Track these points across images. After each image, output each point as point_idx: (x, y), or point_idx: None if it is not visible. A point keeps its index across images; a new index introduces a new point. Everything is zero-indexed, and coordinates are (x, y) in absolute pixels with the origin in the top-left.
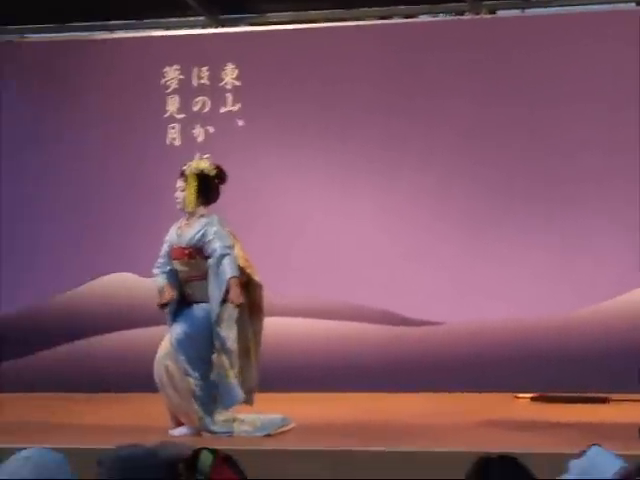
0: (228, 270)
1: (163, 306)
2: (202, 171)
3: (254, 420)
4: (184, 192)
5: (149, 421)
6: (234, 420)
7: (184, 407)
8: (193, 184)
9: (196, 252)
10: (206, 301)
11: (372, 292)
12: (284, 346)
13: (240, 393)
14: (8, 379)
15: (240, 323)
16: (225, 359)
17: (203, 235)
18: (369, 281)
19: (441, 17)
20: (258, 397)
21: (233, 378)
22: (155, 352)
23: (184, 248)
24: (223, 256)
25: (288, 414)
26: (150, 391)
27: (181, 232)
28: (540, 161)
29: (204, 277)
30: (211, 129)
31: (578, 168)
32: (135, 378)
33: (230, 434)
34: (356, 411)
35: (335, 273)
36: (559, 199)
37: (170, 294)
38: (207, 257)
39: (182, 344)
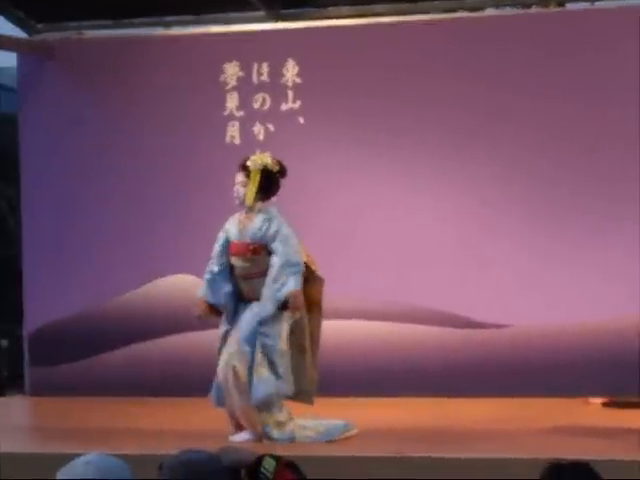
0: (292, 283)
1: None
2: (266, 166)
3: (317, 426)
4: (245, 187)
5: (206, 426)
6: (291, 420)
7: (247, 411)
8: (256, 179)
9: (261, 248)
10: None
11: (434, 294)
12: (345, 349)
13: (265, 391)
14: (65, 382)
15: (295, 320)
16: (261, 356)
17: (266, 229)
18: (431, 282)
19: (508, 10)
20: (318, 401)
21: (264, 375)
22: (213, 355)
23: (248, 244)
24: (283, 264)
25: (349, 419)
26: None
27: (243, 226)
28: (605, 158)
29: (265, 274)
30: (271, 127)
31: None
32: (193, 382)
33: (292, 440)
34: (418, 416)
35: (396, 273)
36: (624, 197)
37: (203, 309)
38: (270, 252)
39: (248, 343)
